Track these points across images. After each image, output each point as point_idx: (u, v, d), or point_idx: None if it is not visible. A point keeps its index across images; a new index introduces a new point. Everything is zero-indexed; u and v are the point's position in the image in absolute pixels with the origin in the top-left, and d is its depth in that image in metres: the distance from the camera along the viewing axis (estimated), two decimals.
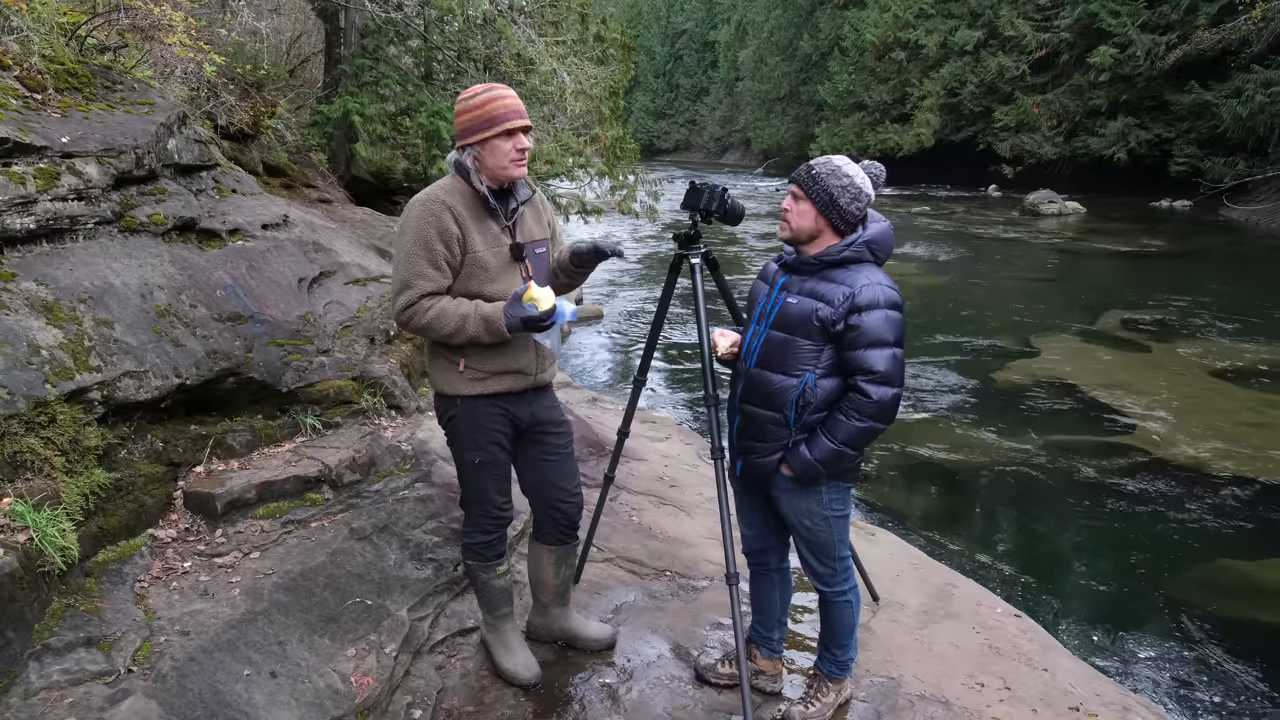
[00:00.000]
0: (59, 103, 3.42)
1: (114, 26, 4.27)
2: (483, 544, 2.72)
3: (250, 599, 2.78)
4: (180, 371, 3.18)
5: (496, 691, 2.77)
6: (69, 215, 3.14)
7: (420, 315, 2.41)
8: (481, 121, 2.39)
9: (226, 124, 5.90)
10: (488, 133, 2.38)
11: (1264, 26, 21.65)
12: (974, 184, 31.12)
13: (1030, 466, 6.31)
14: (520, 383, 2.58)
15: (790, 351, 2.37)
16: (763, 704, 2.76)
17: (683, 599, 3.41)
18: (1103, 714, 2.83)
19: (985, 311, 11.64)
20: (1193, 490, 5.83)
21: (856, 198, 2.33)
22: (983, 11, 30.49)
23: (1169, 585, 4.75)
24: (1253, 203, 21.54)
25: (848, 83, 36.68)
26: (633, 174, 10.94)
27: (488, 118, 2.39)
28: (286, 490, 3.34)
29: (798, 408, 2.38)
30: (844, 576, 2.59)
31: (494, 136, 2.39)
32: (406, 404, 4.21)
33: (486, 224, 2.47)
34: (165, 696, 2.33)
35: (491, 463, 2.62)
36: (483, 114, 2.39)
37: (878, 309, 2.28)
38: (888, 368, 2.29)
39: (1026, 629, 3.37)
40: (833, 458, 2.35)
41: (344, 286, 4.44)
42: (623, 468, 4.17)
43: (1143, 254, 16.52)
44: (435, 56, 9.42)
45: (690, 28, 64.93)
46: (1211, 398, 7.77)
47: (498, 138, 2.39)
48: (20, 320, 2.75)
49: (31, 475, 2.54)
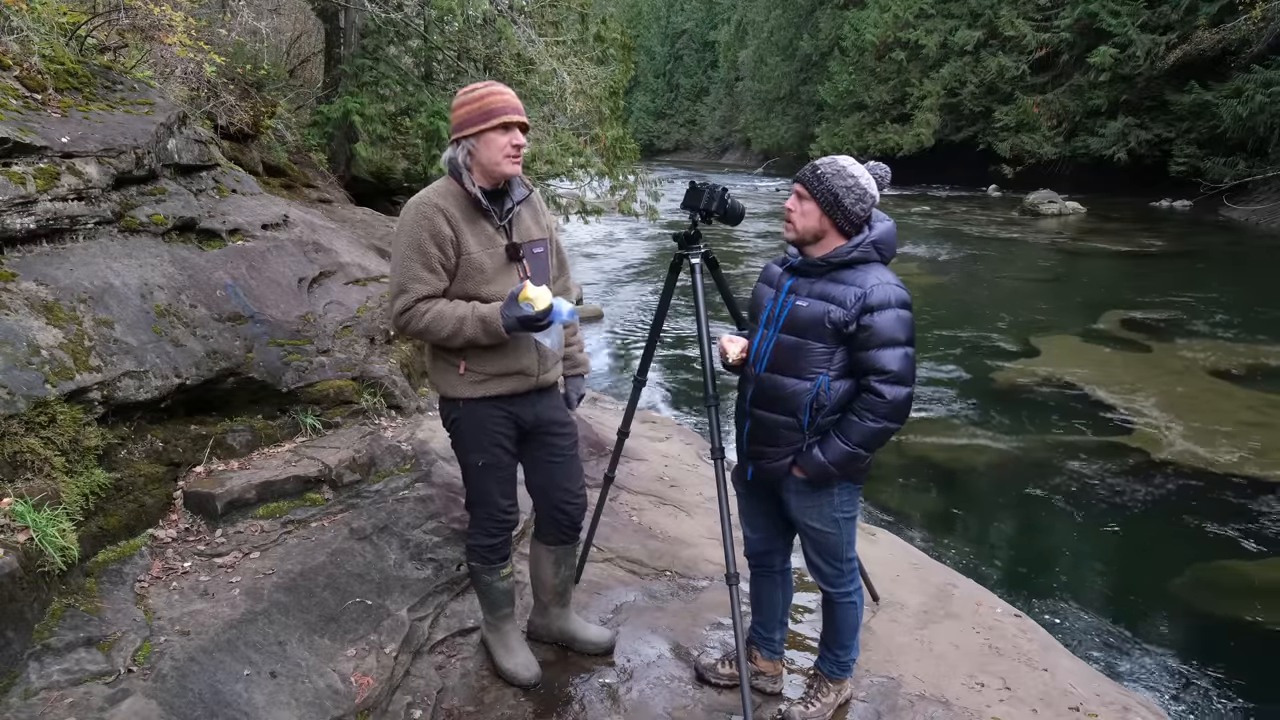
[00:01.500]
0: (59, 103, 3.42)
1: (114, 26, 4.27)
2: (487, 547, 2.72)
3: (250, 599, 2.78)
4: (180, 371, 3.18)
5: (496, 691, 2.77)
6: (69, 215, 3.13)
7: (417, 319, 2.41)
8: (478, 114, 2.39)
9: (226, 124, 5.90)
10: (483, 125, 2.38)
11: (1264, 26, 21.65)
12: (974, 184, 31.12)
13: (1030, 466, 6.31)
14: (523, 384, 2.57)
15: (802, 355, 2.35)
16: (763, 704, 2.76)
17: (683, 599, 3.41)
18: (1103, 714, 2.83)
19: (985, 311, 11.64)
20: (1192, 490, 5.83)
21: (861, 199, 2.32)
22: (983, 11, 30.49)
23: (1169, 585, 4.75)
24: (1253, 203, 21.54)
25: (848, 83, 36.68)
26: (633, 174, 10.94)
27: (485, 110, 2.38)
28: (286, 490, 3.34)
29: (812, 411, 2.36)
30: (850, 577, 2.59)
31: (489, 129, 2.38)
32: (406, 404, 4.21)
33: (480, 225, 2.47)
34: (165, 696, 2.33)
35: (495, 465, 2.62)
36: (480, 107, 2.39)
37: (890, 308, 2.28)
38: (900, 367, 2.28)
39: (1026, 629, 3.37)
40: (847, 459, 2.34)
41: (344, 286, 4.44)
42: (623, 468, 4.17)
43: (1143, 254, 16.52)
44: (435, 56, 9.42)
45: (690, 28, 64.92)
46: (1211, 398, 7.77)
47: (493, 131, 2.38)
48: (20, 320, 2.75)
49: (31, 475, 2.54)
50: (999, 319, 11.15)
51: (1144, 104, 26.11)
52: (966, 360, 9.20)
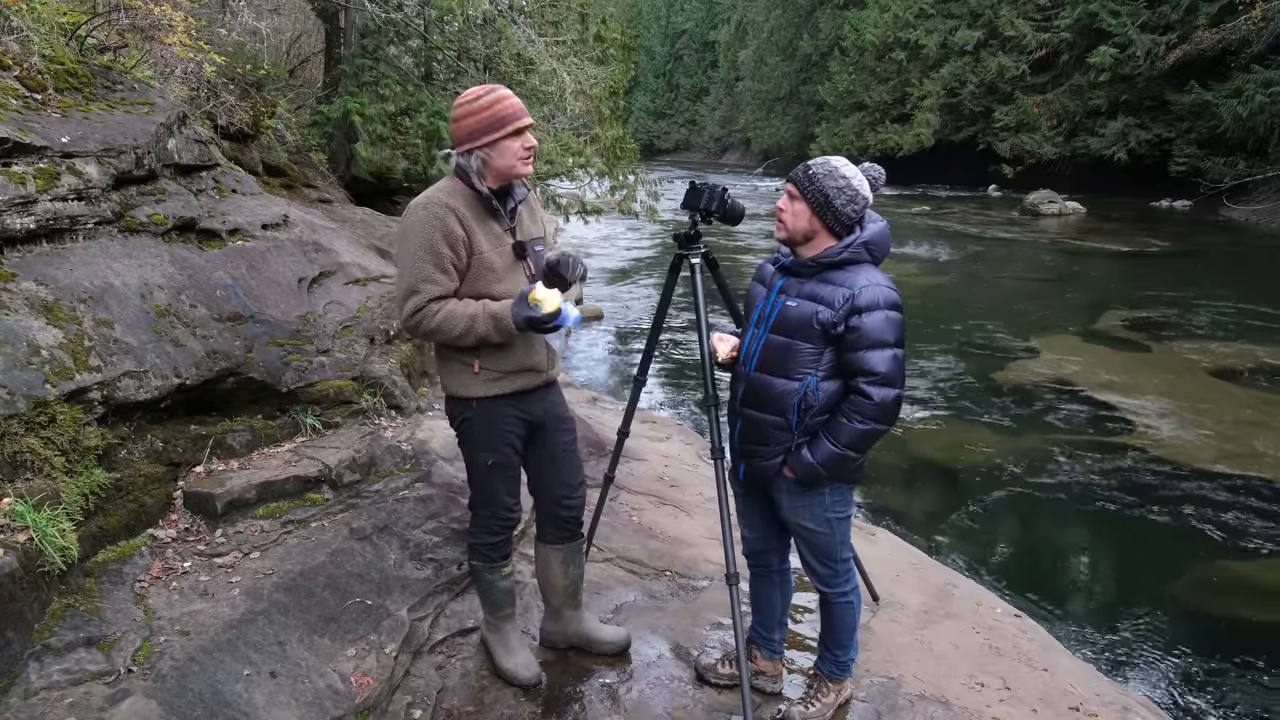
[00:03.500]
0: (59, 103, 3.42)
1: (114, 26, 4.27)
2: (490, 545, 2.73)
3: (250, 599, 2.78)
4: (180, 371, 3.18)
5: (496, 691, 2.77)
6: (69, 215, 3.14)
7: (429, 319, 2.41)
8: (491, 123, 2.38)
9: (226, 124, 5.91)
10: (498, 134, 2.38)
11: (1264, 26, 21.65)
12: (974, 184, 31.10)
13: (1030, 466, 6.31)
14: (534, 380, 2.59)
15: (791, 355, 2.36)
16: (763, 704, 2.76)
17: (683, 599, 3.41)
18: (1103, 714, 2.83)
19: (985, 311, 11.63)
20: (1193, 490, 5.82)
21: (852, 200, 2.31)
22: (983, 11, 30.48)
23: (1169, 585, 4.75)
24: (1253, 203, 21.54)
25: (848, 83, 36.66)
26: (633, 174, 10.94)
27: (497, 119, 2.38)
28: (286, 490, 3.34)
29: (800, 411, 2.37)
30: (846, 578, 2.59)
31: (504, 137, 2.38)
32: (406, 404, 4.21)
33: (489, 224, 2.48)
34: (165, 696, 2.33)
35: (504, 464, 2.63)
36: (491, 115, 2.38)
37: (878, 310, 2.27)
38: (888, 369, 2.28)
39: (1026, 629, 3.37)
40: (835, 460, 2.34)
41: (344, 286, 4.44)
42: (623, 468, 4.17)
43: (1143, 254, 16.52)
44: (435, 56, 9.43)
45: (690, 28, 64.90)
46: (1211, 398, 7.77)
47: (508, 138, 2.39)
48: (20, 320, 2.75)
49: (31, 475, 2.54)
50: (999, 319, 11.14)
51: (1144, 104, 26.11)
52: (966, 360, 9.20)
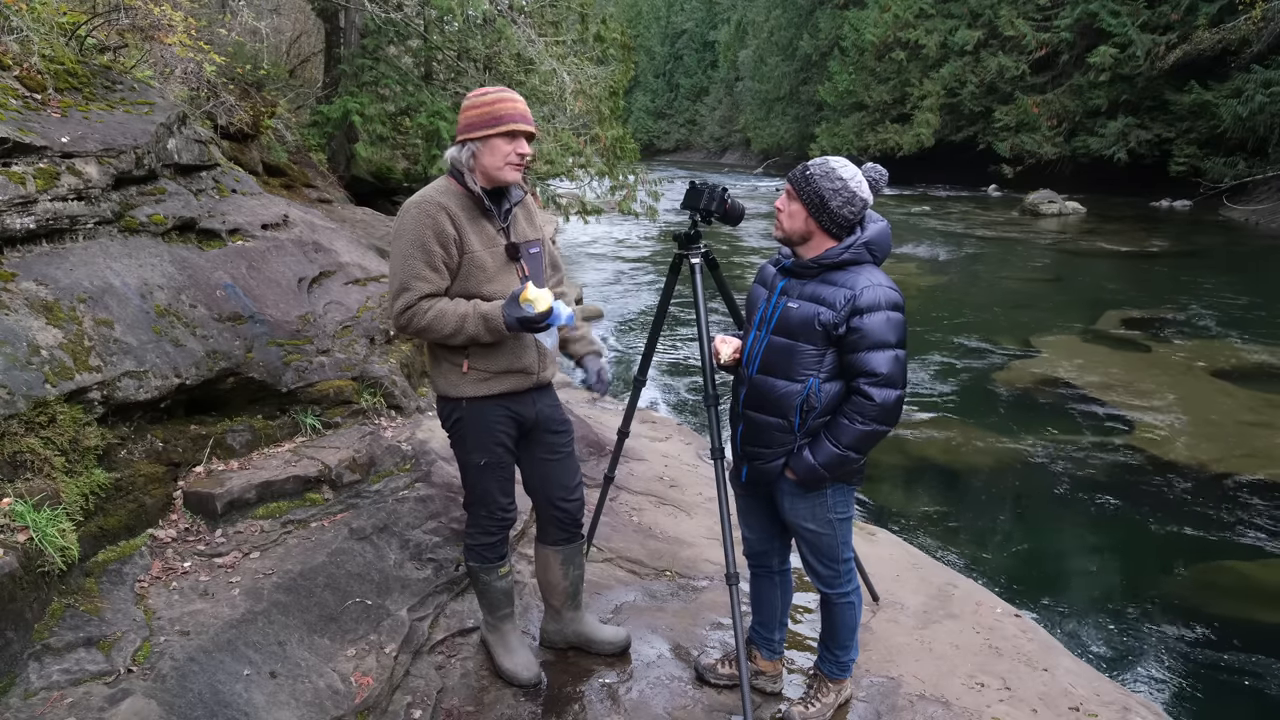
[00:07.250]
0: (59, 103, 3.42)
1: (114, 26, 4.27)
2: (486, 545, 2.73)
3: (250, 599, 2.78)
4: (180, 371, 3.18)
5: (496, 691, 2.77)
6: (69, 215, 3.14)
7: (419, 317, 2.41)
8: (486, 118, 2.39)
9: (226, 124, 5.91)
10: (490, 130, 2.39)
11: (1264, 26, 21.66)
12: (974, 184, 31.11)
13: (1030, 466, 6.31)
14: (524, 382, 2.58)
15: (793, 357, 2.35)
16: (763, 704, 2.76)
17: (683, 599, 3.41)
18: (1103, 714, 2.83)
19: (986, 311, 11.64)
20: (1192, 490, 5.82)
21: (849, 201, 2.30)
22: (983, 11, 30.50)
23: (1169, 585, 4.75)
24: (1253, 203, 21.54)
25: (848, 83, 36.68)
26: (633, 174, 10.93)
27: (493, 115, 2.39)
28: (286, 490, 3.34)
29: (802, 413, 2.36)
30: (847, 578, 2.59)
31: (495, 135, 2.39)
32: (406, 404, 4.21)
33: (482, 224, 2.48)
34: (165, 696, 2.32)
35: (497, 464, 2.62)
36: (489, 111, 2.40)
37: (879, 311, 2.27)
38: (890, 370, 2.27)
39: (1026, 629, 3.37)
40: (837, 462, 2.34)
41: (344, 286, 4.44)
42: (623, 468, 4.17)
43: (1143, 254, 16.52)
44: (435, 56, 9.42)
45: (690, 28, 64.92)
46: (1211, 398, 7.77)
47: (499, 137, 2.39)
48: (20, 320, 2.75)
49: (31, 475, 2.54)
50: (999, 319, 11.14)
51: (1144, 104, 26.13)
52: (966, 360, 9.20)
